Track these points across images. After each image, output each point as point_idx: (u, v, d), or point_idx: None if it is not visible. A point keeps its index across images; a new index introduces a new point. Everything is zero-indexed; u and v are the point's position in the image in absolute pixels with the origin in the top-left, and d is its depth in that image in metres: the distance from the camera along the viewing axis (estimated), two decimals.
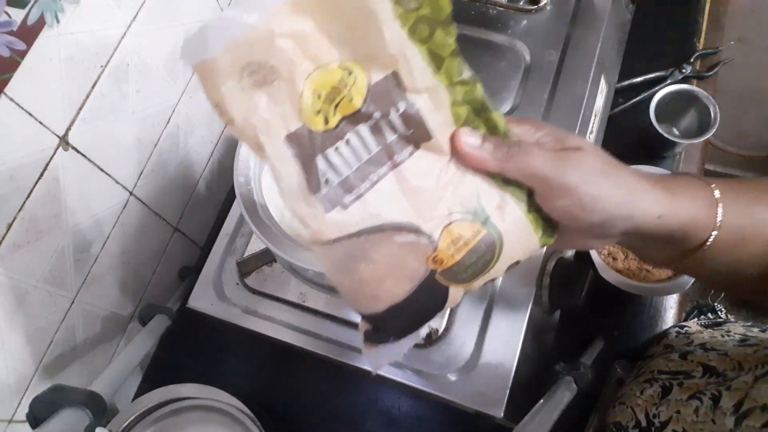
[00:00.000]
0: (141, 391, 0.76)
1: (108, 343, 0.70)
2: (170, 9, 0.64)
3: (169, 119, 0.69)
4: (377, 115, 0.32)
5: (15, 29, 0.45)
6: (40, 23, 0.48)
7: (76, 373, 0.65)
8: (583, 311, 0.65)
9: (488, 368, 0.59)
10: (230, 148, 0.85)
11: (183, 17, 0.66)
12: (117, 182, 0.63)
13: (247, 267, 0.67)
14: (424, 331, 0.39)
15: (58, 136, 0.53)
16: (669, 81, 0.87)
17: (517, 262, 0.38)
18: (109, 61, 0.57)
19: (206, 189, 0.82)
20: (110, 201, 0.63)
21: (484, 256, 0.35)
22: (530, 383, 0.61)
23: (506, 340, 0.60)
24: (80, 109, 0.55)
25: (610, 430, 0.58)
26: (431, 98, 0.33)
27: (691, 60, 0.87)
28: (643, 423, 0.54)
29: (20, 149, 0.49)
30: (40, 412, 0.49)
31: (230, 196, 0.82)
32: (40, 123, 0.51)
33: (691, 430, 0.49)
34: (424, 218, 0.34)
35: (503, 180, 0.35)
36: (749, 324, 0.60)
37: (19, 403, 0.57)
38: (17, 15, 0.45)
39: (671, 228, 0.36)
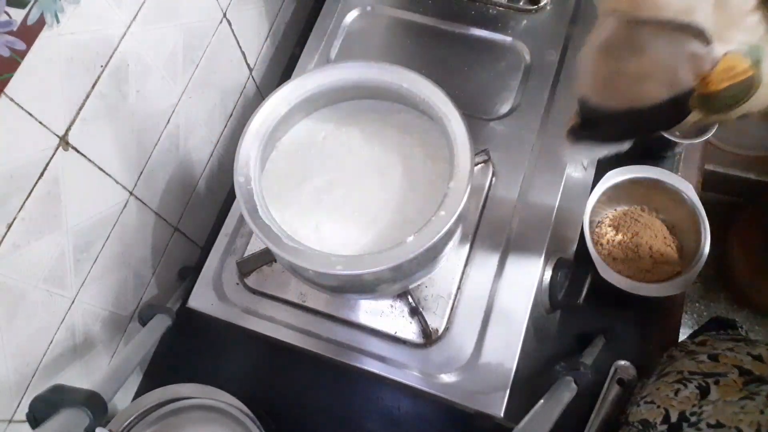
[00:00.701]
0: (141, 391, 0.76)
1: (108, 343, 0.70)
2: (170, 9, 0.64)
3: (169, 119, 0.69)
4: None
5: (15, 29, 0.45)
6: (40, 23, 0.48)
7: (76, 373, 0.65)
8: (583, 311, 0.65)
9: (488, 368, 0.59)
10: (230, 148, 0.85)
11: (183, 17, 0.66)
12: (117, 182, 0.63)
13: (247, 267, 0.67)
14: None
15: (58, 136, 0.53)
16: None
17: (732, 119, 0.37)
18: (109, 61, 0.57)
19: (206, 189, 0.82)
20: (110, 201, 0.63)
21: (739, 95, 0.34)
22: (530, 383, 0.61)
23: (506, 340, 0.60)
24: (80, 109, 0.55)
25: (636, 428, 0.57)
26: None
27: None
28: (673, 419, 0.54)
29: (20, 149, 0.49)
30: (40, 412, 0.49)
31: (230, 196, 0.82)
32: (40, 123, 0.51)
33: (728, 422, 0.48)
34: (718, 35, 0.32)
35: None
36: None
37: (19, 403, 0.57)
38: (17, 15, 0.45)
39: None
